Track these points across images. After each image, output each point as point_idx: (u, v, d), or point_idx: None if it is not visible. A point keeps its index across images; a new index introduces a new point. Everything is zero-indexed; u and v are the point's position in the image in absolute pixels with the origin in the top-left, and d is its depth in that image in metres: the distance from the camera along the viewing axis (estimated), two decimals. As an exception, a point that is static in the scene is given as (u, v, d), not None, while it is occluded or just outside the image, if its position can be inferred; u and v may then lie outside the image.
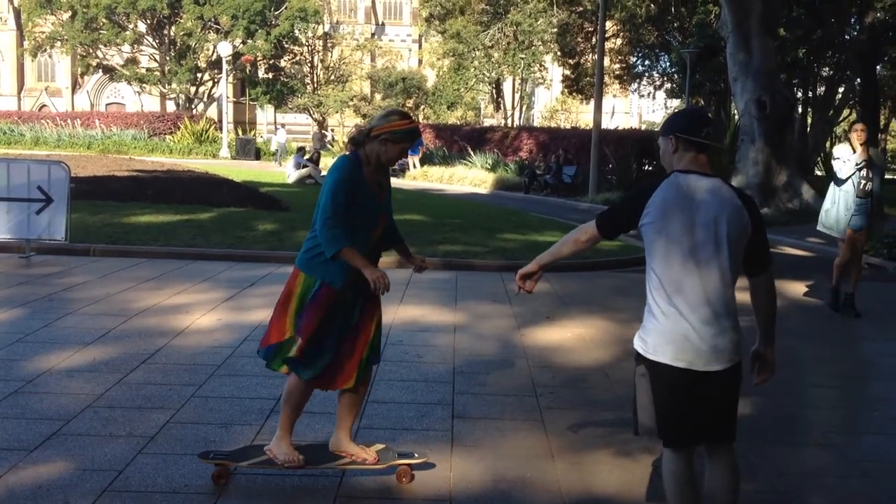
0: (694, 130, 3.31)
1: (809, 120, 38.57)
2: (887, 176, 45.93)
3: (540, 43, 49.15)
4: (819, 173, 25.55)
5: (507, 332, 7.75)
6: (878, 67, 39.76)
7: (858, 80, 39.38)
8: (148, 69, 56.08)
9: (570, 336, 7.69)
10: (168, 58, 54.71)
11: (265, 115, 64.13)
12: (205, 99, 56.76)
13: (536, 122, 67.41)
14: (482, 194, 26.94)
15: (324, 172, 26.22)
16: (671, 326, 3.22)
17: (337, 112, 58.38)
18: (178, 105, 55.71)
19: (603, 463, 4.61)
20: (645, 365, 3.31)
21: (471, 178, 30.22)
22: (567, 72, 47.05)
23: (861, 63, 36.01)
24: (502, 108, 55.07)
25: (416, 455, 4.40)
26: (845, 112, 45.95)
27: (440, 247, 12.48)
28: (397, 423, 5.12)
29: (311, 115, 59.30)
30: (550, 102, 71.68)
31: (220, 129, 42.27)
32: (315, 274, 4.11)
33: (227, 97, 45.87)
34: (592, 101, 27.84)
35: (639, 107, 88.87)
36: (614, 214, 3.44)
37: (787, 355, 7.28)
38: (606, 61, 38.21)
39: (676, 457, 3.33)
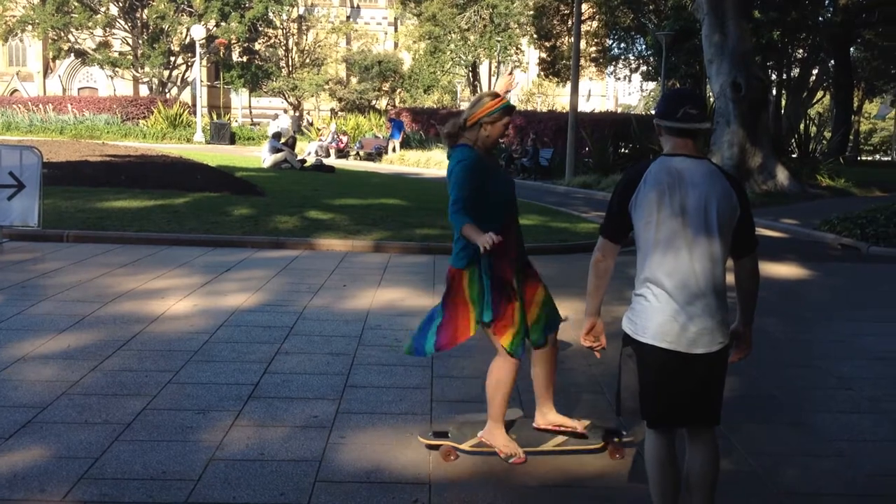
0: (669, 114, 3.31)
1: (784, 102, 38.80)
2: (861, 158, 46.23)
3: (516, 25, 49.12)
4: (794, 155, 25.67)
5: (485, 316, 7.73)
6: (851, 49, 40.09)
7: (832, 62, 39.70)
8: (121, 53, 55.35)
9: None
10: (141, 41, 54.03)
11: (240, 98, 63.59)
12: (178, 83, 56.13)
13: (513, 106, 67.21)
14: (459, 178, 26.87)
15: (300, 156, 26.16)
16: (661, 308, 3.22)
17: (312, 96, 58.00)
18: (151, 89, 55.06)
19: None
20: (632, 346, 3.33)
21: (448, 162, 30.13)
22: (543, 55, 46.98)
23: (835, 45, 36.27)
24: (479, 91, 54.96)
25: (625, 433, 4.49)
26: (819, 94, 46.29)
27: (418, 231, 12.45)
28: (376, 408, 5.11)
29: (286, 98, 58.88)
30: (527, 85, 71.62)
31: (194, 113, 41.91)
32: (476, 264, 4.18)
33: (201, 81, 45.40)
34: (569, 84, 27.83)
35: (615, 90, 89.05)
36: (610, 215, 3.41)
37: (763, 335, 7.34)
38: (582, 44, 38.20)
39: (659, 438, 3.35)
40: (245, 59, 57.23)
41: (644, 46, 42.29)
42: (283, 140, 25.79)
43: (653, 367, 3.27)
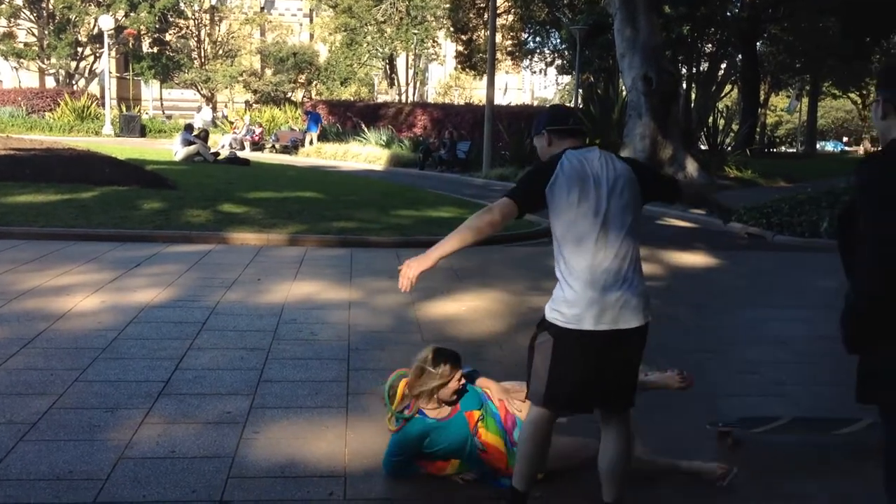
0: (561, 121, 3.61)
1: (693, 95, 39.71)
2: (769, 150, 47.54)
3: (432, 18, 49.15)
4: (703, 147, 26.31)
5: (402, 308, 7.74)
6: (758, 44, 41.30)
7: (740, 56, 40.84)
8: (26, 44, 53.44)
9: (465, 309, 7.75)
10: (47, 32, 52.26)
11: (150, 90, 62.08)
12: (86, 74, 54.51)
13: (430, 99, 67.45)
14: (377, 171, 26.83)
15: (213, 149, 25.69)
16: (581, 294, 3.28)
17: (226, 87, 57.04)
18: (57, 81, 53.35)
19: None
20: (550, 332, 3.37)
21: (365, 154, 30.03)
22: (460, 48, 47.16)
23: (742, 40, 37.32)
24: (396, 84, 54.88)
25: None
26: (727, 87, 47.56)
27: (335, 224, 12.37)
28: (291, 402, 5.06)
29: (198, 90, 57.74)
30: (444, 78, 71.82)
31: (103, 105, 40.81)
32: None
33: (110, 72, 44.14)
34: (486, 77, 27.98)
35: (531, 83, 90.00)
36: (524, 188, 3.46)
37: (672, 322, 7.52)
38: (498, 37, 38.40)
39: (548, 421, 3.48)
40: (155, 50, 55.91)
41: (559, 40, 42.77)
42: (195, 132, 25.29)
43: (577, 351, 3.32)
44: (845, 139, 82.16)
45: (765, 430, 4.64)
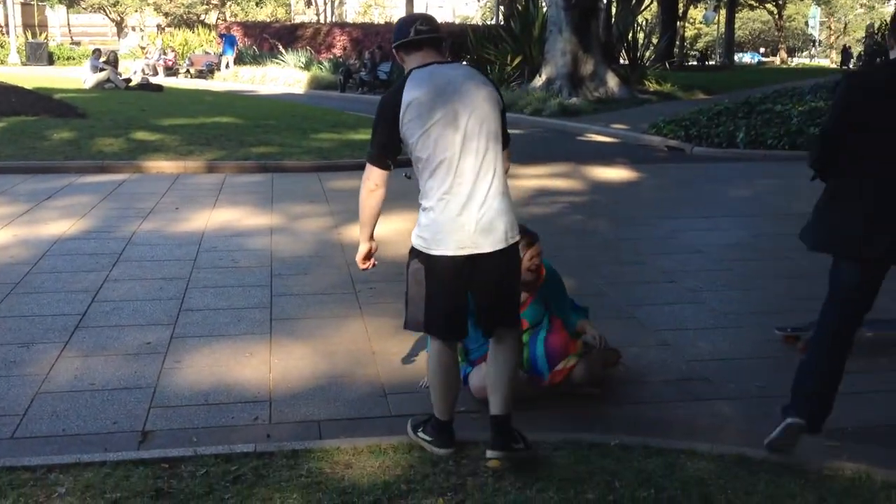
0: (404, 34, 3.34)
1: (614, 10, 39.67)
2: (687, 63, 47.85)
3: (348, -66, 47.73)
4: (623, 62, 26.34)
5: (324, 232, 7.69)
6: (675, -44, 41.16)
7: (658, -32, 40.65)
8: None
9: (389, 231, 7.71)
10: (-60, -45, 49.32)
11: (57, 16, 59.24)
12: (-14, 1, 51.81)
13: (350, 19, 66.04)
14: (297, 94, 26.28)
15: (124, 75, 24.81)
16: (448, 218, 3.20)
17: (136, 11, 54.88)
18: (-44, 8, 50.64)
19: (422, 353, 4.68)
20: (420, 259, 3.30)
21: (284, 78, 29.37)
22: (377, -35, 46.04)
23: (660, -48, 37.16)
24: (314, 3, 53.53)
25: None
26: (647, 1, 47.56)
27: (254, 149, 12.13)
28: (213, 330, 5.01)
29: (107, 14, 55.45)
30: (363, -3, 70.27)
31: (7, 32, 39.02)
32: None
33: (12, -2, 42.03)
34: (403, -5, 27.45)
35: (453, 1, 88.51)
36: (377, 139, 3.35)
37: (593, 236, 7.64)
38: (416, -47, 37.58)
39: (445, 345, 3.41)
40: (59, -28, 53.24)
41: (478, -45, 42.08)
42: (103, 58, 24.35)
43: (444, 276, 3.26)
44: (762, 50, 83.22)
45: None
